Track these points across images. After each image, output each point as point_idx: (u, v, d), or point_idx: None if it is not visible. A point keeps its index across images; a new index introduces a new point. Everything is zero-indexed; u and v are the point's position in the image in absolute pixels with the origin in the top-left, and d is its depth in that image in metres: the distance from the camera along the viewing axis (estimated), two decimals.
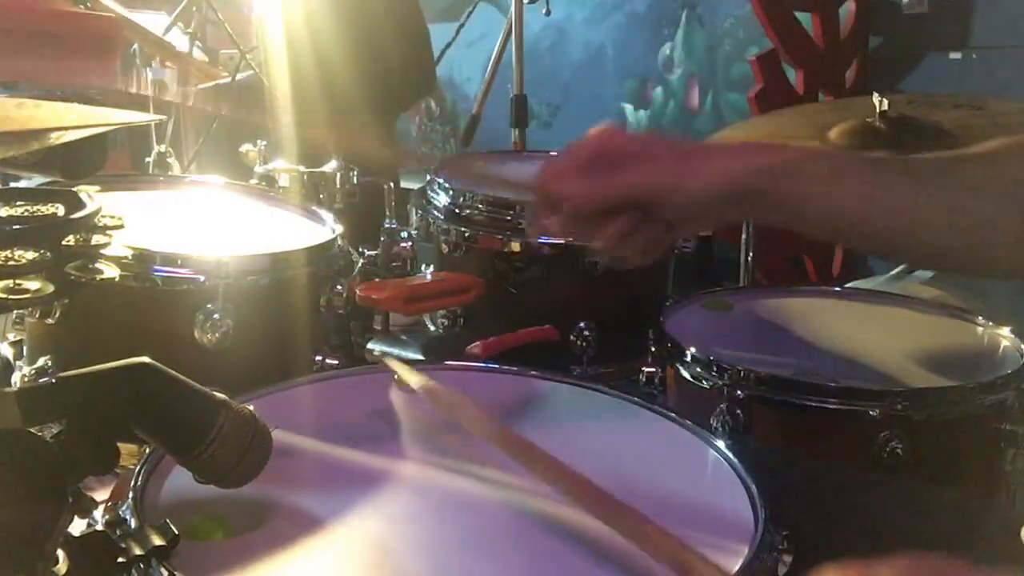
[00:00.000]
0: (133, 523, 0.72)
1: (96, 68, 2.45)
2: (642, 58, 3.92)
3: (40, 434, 0.64)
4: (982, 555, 0.82)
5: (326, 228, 1.39)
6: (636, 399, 1.03)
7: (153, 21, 2.90)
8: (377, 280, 1.46)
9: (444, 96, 4.49)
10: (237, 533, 0.75)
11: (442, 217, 1.52)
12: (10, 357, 1.24)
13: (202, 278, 1.15)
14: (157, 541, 0.68)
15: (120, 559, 0.67)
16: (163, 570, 0.67)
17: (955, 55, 3.07)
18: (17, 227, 0.73)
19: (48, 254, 0.72)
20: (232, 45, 2.88)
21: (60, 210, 0.77)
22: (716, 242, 2.87)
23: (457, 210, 1.50)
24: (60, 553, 0.65)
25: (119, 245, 0.80)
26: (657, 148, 0.85)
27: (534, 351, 1.33)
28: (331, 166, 1.64)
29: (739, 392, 1.14)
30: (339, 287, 1.30)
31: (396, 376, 1.04)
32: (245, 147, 1.66)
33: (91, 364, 0.69)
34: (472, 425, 0.86)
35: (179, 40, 2.90)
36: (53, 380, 0.68)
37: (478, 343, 1.30)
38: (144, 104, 2.48)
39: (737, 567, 0.72)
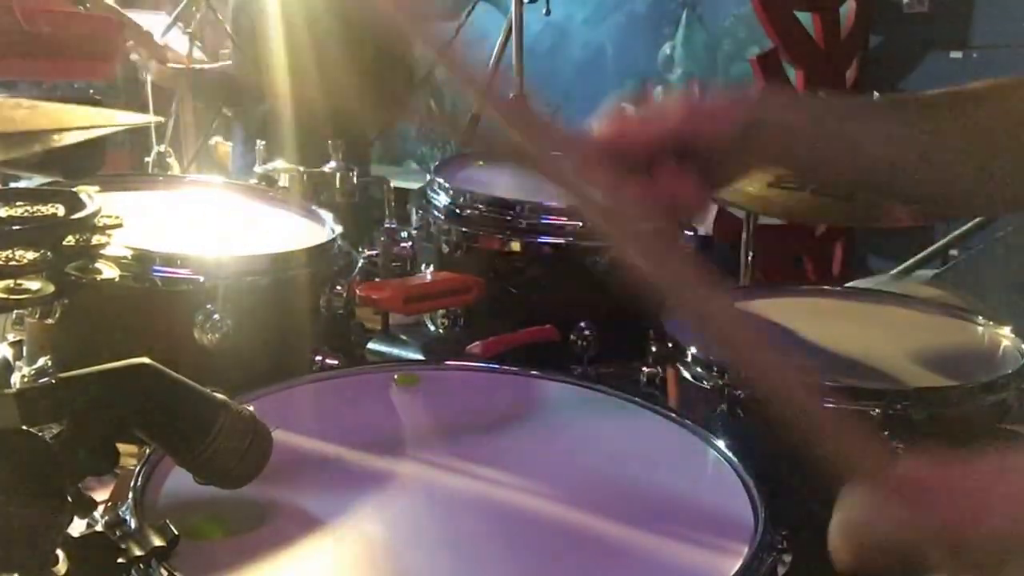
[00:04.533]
0: (133, 523, 0.72)
1: (96, 68, 2.45)
2: (642, 58, 3.92)
3: (40, 434, 0.64)
4: None
5: (326, 228, 1.39)
6: (636, 399, 1.03)
7: (153, 21, 2.90)
8: (377, 280, 1.46)
9: (443, 96, 4.49)
10: (237, 533, 0.75)
11: (442, 217, 1.51)
12: (10, 357, 1.24)
13: (202, 278, 1.15)
14: (157, 542, 0.68)
15: (120, 559, 0.67)
16: (163, 570, 0.67)
17: (955, 54, 3.07)
18: (17, 227, 0.73)
19: (48, 254, 0.72)
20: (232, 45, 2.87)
21: (60, 210, 0.77)
22: (716, 242, 2.87)
23: (457, 210, 1.50)
24: (60, 553, 0.65)
25: (119, 245, 0.81)
26: (675, 109, 0.88)
27: (534, 351, 1.33)
28: (331, 166, 1.64)
29: (739, 392, 1.14)
30: (339, 287, 1.30)
31: (396, 376, 1.05)
32: (215, 140, 1.65)
33: (91, 364, 0.69)
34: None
35: (179, 40, 2.90)
36: (53, 380, 0.68)
37: (478, 343, 1.30)
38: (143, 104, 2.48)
39: (737, 567, 0.72)
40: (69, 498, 0.64)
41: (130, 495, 0.76)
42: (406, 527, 0.79)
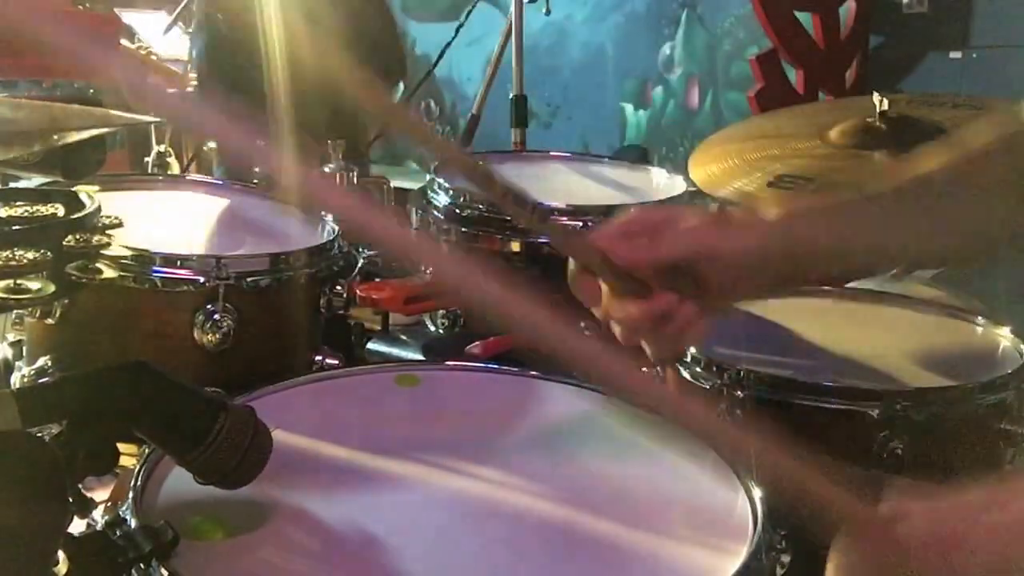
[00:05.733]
0: (133, 523, 0.72)
1: (96, 68, 2.45)
2: (642, 58, 3.92)
3: (40, 434, 0.64)
4: None
5: (326, 228, 1.39)
6: None
7: (153, 21, 2.90)
8: (377, 280, 1.46)
9: (443, 96, 4.49)
10: (237, 533, 0.75)
11: (442, 217, 1.51)
12: (10, 357, 1.24)
13: (202, 278, 1.15)
14: (157, 542, 0.68)
15: (120, 560, 0.67)
16: (163, 571, 0.67)
17: (955, 55, 3.07)
18: (17, 227, 0.73)
19: (48, 254, 0.73)
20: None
21: (60, 210, 0.77)
22: None
23: (457, 210, 1.50)
24: (60, 554, 0.65)
25: (119, 245, 0.81)
26: (695, 215, 0.87)
27: (534, 351, 1.33)
28: (331, 166, 1.64)
29: (739, 392, 1.14)
30: (339, 287, 1.30)
31: (396, 376, 1.05)
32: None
33: (91, 364, 0.69)
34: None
35: (179, 40, 2.90)
36: (53, 380, 0.68)
37: (478, 343, 1.30)
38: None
39: (736, 567, 0.72)
40: (69, 498, 0.64)
41: (130, 495, 0.76)
42: (406, 527, 0.79)
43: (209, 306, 1.15)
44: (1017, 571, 0.56)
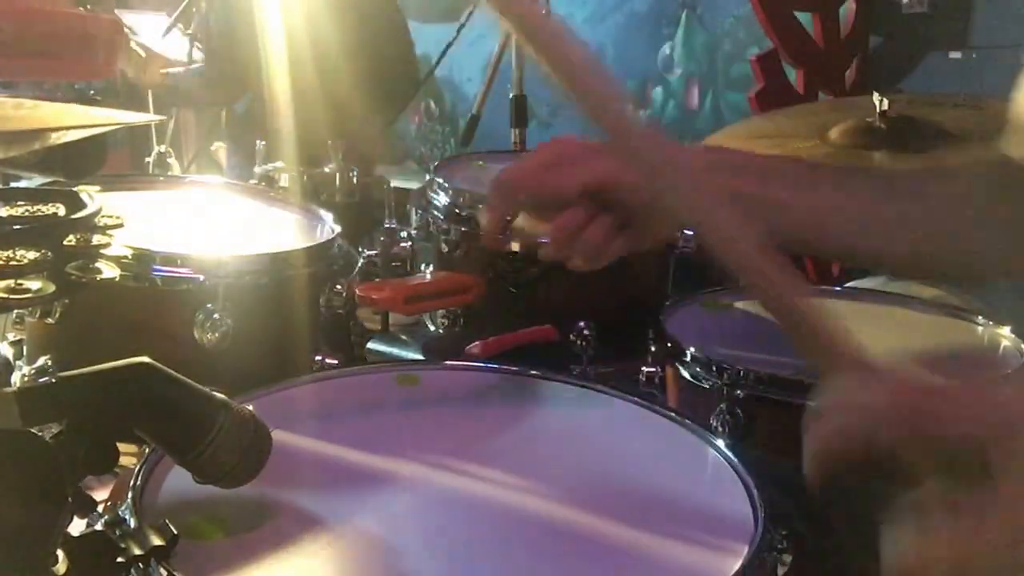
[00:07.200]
0: (132, 523, 0.72)
1: (96, 68, 2.45)
2: (642, 58, 3.92)
3: (40, 434, 0.64)
4: None
5: (326, 228, 1.39)
6: (636, 399, 1.03)
7: (153, 22, 2.90)
8: (377, 280, 1.46)
9: (443, 96, 4.49)
10: (237, 533, 0.75)
11: (442, 217, 1.51)
12: (10, 357, 1.24)
13: (202, 278, 1.15)
14: (156, 541, 0.68)
15: (119, 559, 0.67)
16: (162, 570, 0.68)
17: (955, 54, 3.07)
18: (18, 227, 0.73)
19: (49, 254, 0.72)
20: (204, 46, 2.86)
21: (60, 210, 0.77)
22: None
23: (457, 210, 1.50)
24: (60, 553, 0.65)
25: (119, 245, 0.80)
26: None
27: (534, 351, 1.33)
28: (331, 166, 1.64)
29: (739, 392, 1.14)
30: (339, 287, 1.30)
31: (396, 376, 1.05)
32: (216, 145, 1.66)
33: (91, 364, 0.69)
34: None
35: (179, 41, 2.90)
36: (53, 380, 0.68)
37: (478, 343, 1.30)
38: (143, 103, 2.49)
39: (737, 567, 0.72)
40: (69, 498, 0.64)
41: (130, 495, 0.76)
42: (406, 527, 0.79)
43: (209, 305, 1.15)
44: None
